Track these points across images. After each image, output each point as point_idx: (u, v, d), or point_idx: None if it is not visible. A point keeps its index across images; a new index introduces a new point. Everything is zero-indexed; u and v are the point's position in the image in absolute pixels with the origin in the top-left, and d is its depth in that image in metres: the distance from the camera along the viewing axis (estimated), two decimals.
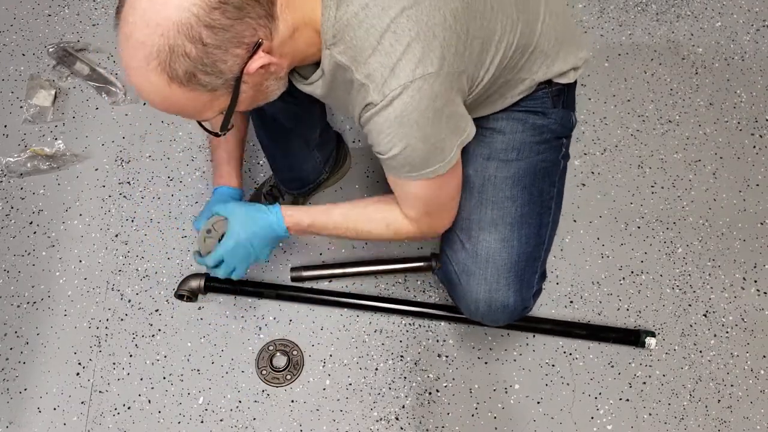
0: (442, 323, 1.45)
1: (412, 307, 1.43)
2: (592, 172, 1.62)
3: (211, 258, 1.13)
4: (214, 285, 1.43)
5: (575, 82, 1.17)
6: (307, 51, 0.90)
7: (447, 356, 1.42)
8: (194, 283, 1.42)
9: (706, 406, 1.39)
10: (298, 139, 1.34)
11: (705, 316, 1.48)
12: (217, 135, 0.93)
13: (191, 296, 1.42)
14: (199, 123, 0.92)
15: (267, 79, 0.87)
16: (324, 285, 1.48)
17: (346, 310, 1.45)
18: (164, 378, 1.39)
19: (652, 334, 1.41)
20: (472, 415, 1.37)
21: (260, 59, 0.82)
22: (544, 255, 1.19)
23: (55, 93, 1.67)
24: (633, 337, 1.41)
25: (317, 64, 0.94)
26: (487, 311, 1.15)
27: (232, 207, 1.12)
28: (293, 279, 1.43)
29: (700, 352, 1.44)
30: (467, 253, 1.15)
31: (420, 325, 1.45)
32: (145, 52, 0.77)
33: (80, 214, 1.55)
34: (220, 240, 1.13)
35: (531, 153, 1.15)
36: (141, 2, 0.76)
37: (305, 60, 0.92)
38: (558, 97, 1.15)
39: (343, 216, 1.11)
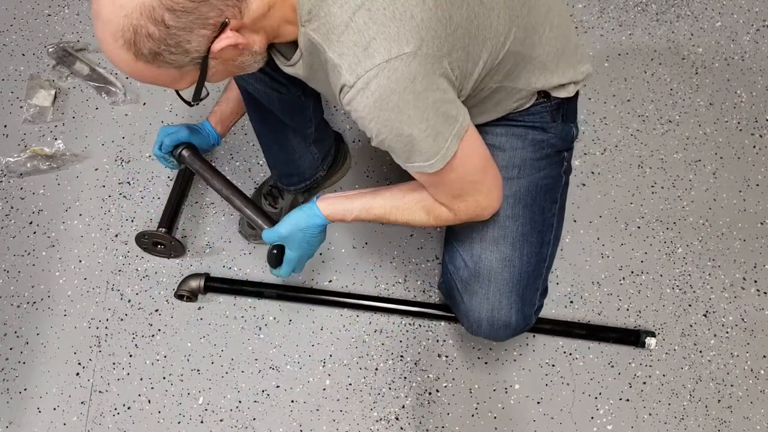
0: (442, 323, 1.45)
1: (412, 307, 1.43)
2: (592, 172, 1.62)
3: (284, 272, 1.18)
4: (214, 285, 1.43)
5: (576, 95, 1.16)
6: (283, 29, 0.89)
7: (447, 356, 1.42)
8: (194, 283, 1.42)
9: (706, 406, 1.39)
10: (293, 133, 1.34)
11: (705, 316, 1.48)
12: (189, 104, 0.93)
13: (191, 296, 1.42)
14: (177, 92, 0.92)
15: (239, 55, 0.87)
16: (324, 284, 1.48)
17: (346, 310, 1.45)
18: (164, 378, 1.39)
19: (652, 334, 1.41)
20: (472, 415, 1.37)
21: (226, 39, 0.82)
22: (546, 272, 1.19)
23: (55, 93, 1.67)
24: (633, 337, 1.41)
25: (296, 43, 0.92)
26: (490, 330, 1.16)
27: (282, 230, 1.13)
28: None
29: (700, 352, 1.44)
30: (469, 271, 1.15)
31: (420, 325, 1.45)
32: (111, 30, 0.78)
33: (80, 214, 1.55)
34: (278, 251, 1.17)
35: (532, 170, 1.15)
36: None
37: (282, 37, 0.91)
38: (557, 111, 1.13)
39: (384, 210, 1.08)
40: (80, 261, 1.50)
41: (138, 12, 0.76)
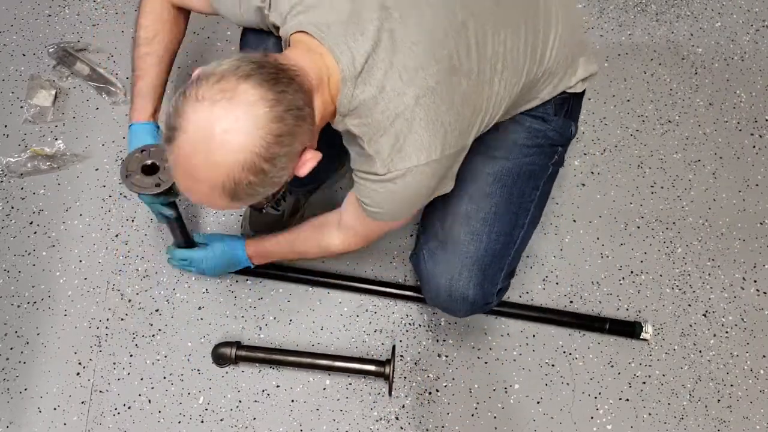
0: (442, 322, 1.45)
1: (408, 292, 1.44)
2: (592, 172, 1.62)
3: (177, 259, 1.38)
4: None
5: (583, 93, 1.18)
6: (323, 123, 0.96)
7: (447, 356, 1.42)
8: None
9: (706, 406, 1.40)
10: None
11: (705, 316, 1.48)
12: (261, 211, 1.07)
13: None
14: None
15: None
16: (321, 267, 1.48)
17: (346, 309, 1.45)
18: (164, 378, 1.40)
19: (641, 326, 1.41)
20: (472, 415, 1.37)
21: (310, 162, 0.88)
22: (515, 254, 1.21)
23: (56, 93, 1.67)
24: (629, 329, 1.42)
25: None
26: (448, 300, 1.18)
27: (209, 249, 1.35)
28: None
29: (700, 352, 1.44)
30: (438, 241, 1.18)
31: (420, 325, 1.45)
32: (209, 185, 0.82)
33: (80, 214, 1.55)
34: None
35: (519, 154, 1.17)
36: (202, 144, 0.79)
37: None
38: (561, 106, 1.16)
39: (288, 243, 1.26)
40: (80, 261, 1.50)
41: (239, 168, 0.80)
